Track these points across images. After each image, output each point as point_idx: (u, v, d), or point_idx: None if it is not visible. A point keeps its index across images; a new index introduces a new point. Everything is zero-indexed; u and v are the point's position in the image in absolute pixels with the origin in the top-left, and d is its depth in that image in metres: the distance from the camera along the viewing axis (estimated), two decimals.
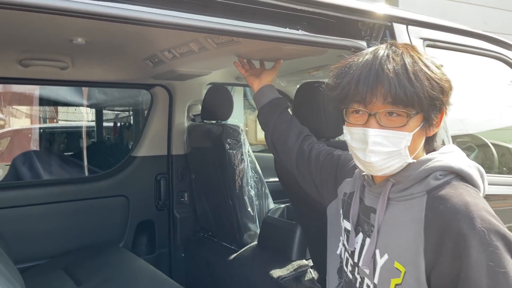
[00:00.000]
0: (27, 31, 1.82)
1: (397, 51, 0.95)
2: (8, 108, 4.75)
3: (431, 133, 1.00)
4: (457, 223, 0.86)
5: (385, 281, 0.97)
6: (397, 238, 0.96)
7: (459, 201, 0.89)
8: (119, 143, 4.16)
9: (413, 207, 0.95)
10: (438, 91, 0.93)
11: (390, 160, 0.95)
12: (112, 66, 2.53)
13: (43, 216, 2.51)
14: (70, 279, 2.17)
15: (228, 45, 1.74)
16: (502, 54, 1.91)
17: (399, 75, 0.90)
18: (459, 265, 0.85)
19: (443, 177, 0.95)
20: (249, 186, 2.57)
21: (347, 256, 1.12)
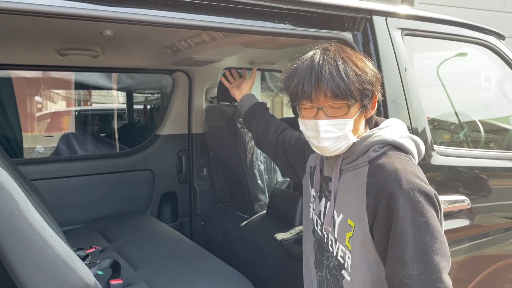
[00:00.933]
0: (63, 25, 2.12)
1: (330, 55, 1.16)
2: (46, 92, 5.15)
3: (368, 116, 1.22)
4: (388, 185, 1.09)
5: (342, 235, 1.20)
6: (348, 200, 1.19)
7: (390, 167, 1.12)
8: (145, 124, 4.51)
9: (359, 175, 1.17)
10: (367, 83, 1.15)
11: (339, 142, 1.17)
12: (137, 54, 2.84)
13: (80, 186, 2.88)
14: (103, 238, 2.54)
15: (233, 36, 2.00)
16: (483, 39, 2.09)
17: (333, 75, 1.12)
18: (391, 218, 1.08)
19: (380, 148, 1.17)
20: (259, 161, 2.86)
21: (316, 218, 1.36)
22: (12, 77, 3.22)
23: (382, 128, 1.23)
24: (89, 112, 5.39)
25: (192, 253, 2.20)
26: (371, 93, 1.17)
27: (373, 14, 1.73)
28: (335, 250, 1.24)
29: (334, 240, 1.24)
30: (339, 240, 1.22)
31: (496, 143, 2.59)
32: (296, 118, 1.26)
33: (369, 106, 1.20)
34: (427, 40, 1.90)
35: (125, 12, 1.35)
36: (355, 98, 1.14)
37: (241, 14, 1.51)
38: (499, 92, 2.59)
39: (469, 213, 1.88)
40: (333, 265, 1.25)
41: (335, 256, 1.25)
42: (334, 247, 1.25)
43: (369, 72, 1.17)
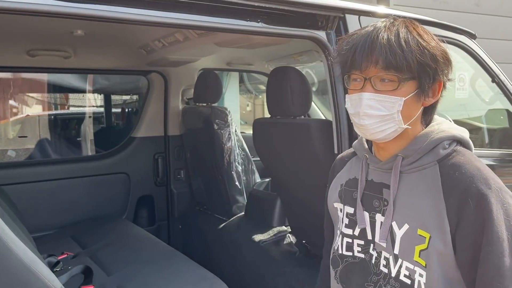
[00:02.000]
0: (33, 25, 2.07)
1: (394, 23, 0.99)
2: (20, 96, 5.01)
3: (427, 103, 1.02)
4: (475, 185, 0.93)
5: (408, 249, 0.99)
6: (416, 207, 0.99)
7: (471, 166, 0.96)
8: (120, 126, 4.43)
9: (427, 176, 1.00)
10: (428, 58, 0.95)
11: (383, 124, 0.99)
12: (110, 55, 2.78)
13: (52, 191, 2.80)
14: (76, 244, 2.47)
15: (207, 35, 1.98)
16: (455, 38, 2.11)
17: (390, 42, 0.95)
18: (481, 222, 0.91)
19: (449, 145, 1.01)
20: (237, 162, 2.83)
21: (347, 241, 1.15)
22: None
23: (440, 124, 1.06)
24: (63, 115, 5.27)
25: (168, 257, 2.15)
26: (433, 72, 0.97)
27: (346, 13, 1.73)
28: (394, 269, 1.03)
29: (393, 257, 1.03)
30: (402, 256, 1.01)
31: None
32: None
33: (429, 90, 0.99)
34: None
35: (95, 9, 1.31)
36: (411, 72, 0.95)
37: (214, 12, 1.49)
38: (473, 92, 2.63)
39: None
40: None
41: (394, 277, 1.03)
42: (393, 266, 1.03)
43: (436, 47, 0.98)
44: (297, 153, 1.98)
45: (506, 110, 2.38)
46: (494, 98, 2.43)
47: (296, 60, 3.04)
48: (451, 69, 1.01)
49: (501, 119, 2.46)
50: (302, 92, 1.91)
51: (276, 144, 2.10)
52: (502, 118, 2.43)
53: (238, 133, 2.93)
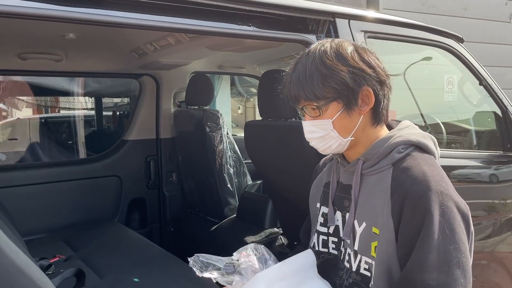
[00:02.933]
0: (24, 28, 2.06)
1: (309, 54, 1.10)
2: (10, 99, 4.99)
3: (364, 111, 1.11)
4: (417, 187, 1.01)
5: (366, 246, 1.09)
6: (371, 207, 1.09)
7: (417, 170, 1.04)
8: (112, 129, 4.42)
9: (382, 178, 1.08)
10: (333, 82, 1.06)
11: (326, 142, 1.12)
12: (102, 58, 2.79)
13: (44, 194, 2.79)
14: (68, 247, 2.46)
15: (198, 39, 2.00)
16: (442, 42, 2.15)
17: (299, 79, 1.09)
18: (418, 220, 0.98)
19: (404, 150, 1.09)
20: (228, 165, 2.85)
21: (323, 238, 1.24)
22: None
23: (402, 129, 1.16)
24: (53, 118, 5.24)
25: (160, 259, 2.16)
26: (346, 91, 1.07)
27: (336, 17, 1.75)
28: (355, 264, 1.12)
29: (353, 253, 1.13)
30: (361, 252, 1.11)
31: (458, 143, 2.67)
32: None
33: (355, 102, 1.09)
34: (390, 43, 1.94)
35: (86, 13, 1.32)
36: (325, 98, 1.08)
37: (205, 16, 1.50)
38: (461, 95, 2.67)
39: None
40: (353, 281, 1.14)
41: (355, 271, 1.12)
42: (354, 261, 1.13)
43: (341, 69, 1.07)
44: (288, 155, 2.00)
45: (493, 112, 2.42)
46: (481, 101, 2.48)
47: (287, 64, 3.04)
48: (377, 74, 1.10)
49: (489, 121, 2.51)
50: None
51: (268, 146, 2.12)
52: (490, 120, 2.47)
53: (229, 136, 2.94)
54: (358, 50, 1.13)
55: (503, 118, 2.31)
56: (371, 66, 1.11)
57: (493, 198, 2.30)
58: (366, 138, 1.14)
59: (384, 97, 1.13)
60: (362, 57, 1.11)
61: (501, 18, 6.16)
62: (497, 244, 2.38)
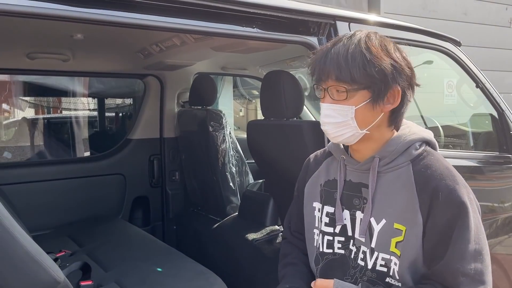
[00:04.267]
0: (33, 28, 2.13)
1: (351, 38, 1.09)
2: (14, 100, 5.05)
3: (387, 109, 1.10)
4: (445, 182, 1.05)
5: (385, 242, 1.09)
6: (392, 203, 1.09)
7: (440, 165, 1.09)
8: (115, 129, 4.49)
9: (401, 175, 1.10)
10: (374, 71, 1.04)
11: (341, 129, 1.10)
12: (108, 58, 2.85)
13: (50, 191, 2.84)
14: (73, 242, 2.52)
15: (203, 40, 2.06)
16: (440, 45, 2.21)
17: (339, 56, 1.06)
18: (452, 212, 1.02)
19: (420, 146, 1.13)
20: (231, 164, 2.91)
21: (328, 239, 1.22)
22: None
23: (409, 127, 1.18)
24: (59, 118, 5.31)
25: (164, 253, 2.21)
26: (383, 82, 1.06)
27: (336, 20, 1.82)
28: (370, 262, 1.12)
29: (370, 251, 1.13)
30: (378, 249, 1.11)
31: (456, 145, 2.73)
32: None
33: (383, 97, 1.08)
34: None
35: (94, 13, 1.38)
36: (359, 83, 1.06)
37: (211, 18, 1.56)
38: (459, 97, 2.73)
39: None
40: (368, 279, 1.14)
41: (370, 268, 1.13)
42: (370, 259, 1.13)
43: (385, 60, 1.06)
44: (290, 154, 2.06)
45: (490, 114, 2.48)
46: (478, 103, 2.53)
47: (288, 65, 3.13)
48: (411, 77, 1.11)
49: (485, 123, 2.56)
50: (295, 94, 1.99)
51: (269, 144, 2.18)
52: (487, 122, 2.53)
53: (232, 135, 3.00)
54: (399, 48, 1.13)
55: (499, 120, 2.37)
56: (410, 66, 1.11)
57: (489, 198, 2.35)
58: (380, 135, 1.14)
59: (408, 101, 1.13)
60: (402, 55, 1.11)
61: (501, 23, 6.23)
62: (495, 246, 2.42)
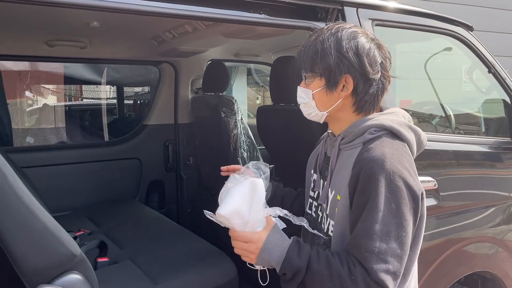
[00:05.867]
0: (52, 16, 2.21)
1: (323, 33, 1.26)
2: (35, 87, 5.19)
3: (341, 96, 1.24)
4: (371, 164, 1.13)
5: (332, 210, 1.26)
6: (340, 178, 1.24)
7: (378, 150, 1.16)
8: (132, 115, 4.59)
9: (352, 154, 1.22)
10: (322, 62, 1.22)
11: (306, 108, 1.31)
12: (124, 46, 2.93)
13: (70, 174, 2.97)
14: (91, 223, 2.63)
15: (214, 26, 2.11)
16: (451, 30, 2.21)
17: (304, 49, 1.26)
18: (368, 194, 1.12)
19: (376, 132, 1.21)
20: (242, 149, 2.96)
21: (310, 201, 1.41)
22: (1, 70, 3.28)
23: (384, 114, 1.28)
24: (78, 105, 5.46)
25: (177, 234, 2.30)
26: (329, 73, 1.22)
27: (344, 5, 1.83)
28: (325, 226, 1.29)
29: (325, 217, 1.29)
30: (330, 216, 1.27)
31: (468, 130, 2.72)
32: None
33: (335, 85, 1.23)
34: (399, 31, 2.01)
35: (109, 1, 1.44)
36: (313, 72, 1.25)
37: (220, 4, 1.61)
38: (472, 83, 2.72)
39: (436, 193, 2.00)
40: (324, 241, 1.28)
41: (325, 231, 1.29)
42: (325, 223, 1.29)
43: (331, 54, 1.21)
44: (297, 137, 2.10)
45: (503, 100, 2.47)
46: (491, 89, 2.52)
47: None
48: (368, 67, 1.22)
49: (498, 109, 2.55)
50: None
51: (278, 129, 2.23)
52: (498, 107, 2.52)
53: (244, 121, 3.05)
54: (361, 45, 1.22)
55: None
56: (360, 60, 1.22)
57: (500, 184, 2.35)
58: (345, 118, 1.28)
59: (365, 91, 1.24)
60: (357, 50, 1.22)
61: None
62: (507, 233, 2.42)
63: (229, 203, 1.19)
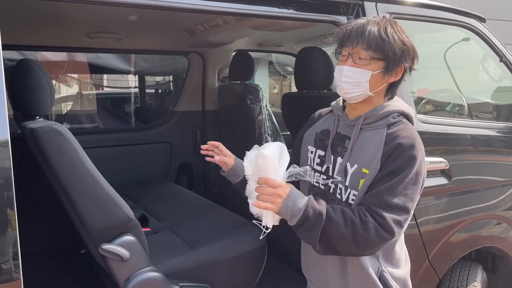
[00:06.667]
0: (95, 11, 2.43)
1: (382, 20, 1.39)
2: (73, 76, 5.43)
3: (390, 81, 1.40)
4: (405, 142, 1.34)
5: (355, 182, 1.39)
6: (364, 153, 1.39)
7: (408, 131, 1.37)
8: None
9: (377, 134, 1.39)
10: (396, 48, 1.34)
11: (354, 87, 1.38)
12: (157, 37, 3.15)
13: (106, 156, 3.21)
14: (129, 200, 2.88)
15: (243, 20, 2.31)
16: (464, 22, 2.36)
17: (374, 30, 1.34)
18: (405, 161, 1.32)
19: (398, 117, 1.41)
20: (266, 134, 3.17)
21: (316, 175, 1.52)
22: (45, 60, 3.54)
23: (398, 101, 1.47)
24: (115, 94, 5.72)
25: (209, 208, 2.54)
26: (397, 59, 1.35)
27: (364, 0, 2.01)
28: (345, 196, 1.42)
29: (344, 188, 1.42)
30: (351, 186, 1.40)
31: (480, 116, 2.87)
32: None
33: (392, 71, 1.37)
34: (415, 24, 2.17)
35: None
36: (380, 54, 1.34)
37: (252, 0, 1.80)
38: (485, 72, 2.86)
39: (448, 173, 2.18)
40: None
41: (344, 201, 1.41)
42: (345, 193, 1.42)
43: (404, 43, 1.36)
44: None
45: None
46: (503, 77, 2.66)
47: (321, 42, 3.32)
48: (415, 60, 1.40)
49: (510, 96, 2.70)
50: (325, 68, 2.22)
51: (302, 115, 2.41)
52: (510, 94, 2.66)
53: (268, 108, 3.26)
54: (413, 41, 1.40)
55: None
56: (414, 56, 1.40)
57: (509, 165, 2.50)
58: (376, 101, 1.43)
59: (401, 80, 1.42)
60: (414, 47, 1.40)
61: None
62: None
63: (270, 150, 1.30)
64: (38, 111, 1.85)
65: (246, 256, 1.99)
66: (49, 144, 1.53)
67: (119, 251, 1.63)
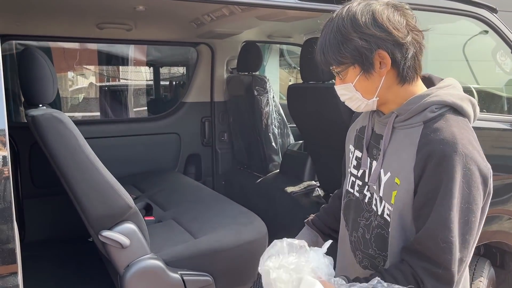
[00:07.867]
0: (103, 1, 2.46)
1: (331, 20, 1.15)
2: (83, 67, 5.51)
3: (383, 74, 1.12)
4: (442, 147, 1.03)
5: (388, 193, 1.15)
6: (397, 159, 1.13)
7: (447, 131, 1.05)
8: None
9: (411, 134, 1.11)
10: (348, 50, 1.10)
11: (354, 102, 1.18)
12: (166, 28, 3.16)
13: (115, 146, 3.25)
14: (136, 189, 2.92)
15: (249, 10, 2.30)
16: (475, 12, 2.30)
17: (322, 45, 1.15)
18: (438, 178, 1.03)
19: (438, 110, 1.10)
20: (273, 125, 3.17)
21: (352, 180, 1.31)
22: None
23: (441, 88, 1.17)
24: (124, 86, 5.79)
25: (214, 198, 2.55)
26: (361, 56, 1.11)
27: None
28: (380, 208, 1.19)
29: (379, 199, 1.19)
30: (384, 198, 1.17)
31: (491, 108, 2.81)
32: None
33: (372, 66, 1.11)
34: (423, 14, 2.12)
35: None
36: (343, 64, 1.13)
37: None
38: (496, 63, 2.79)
39: None
40: (377, 224, 1.20)
41: (380, 214, 1.19)
42: (380, 206, 1.19)
43: (354, 37, 1.10)
44: (325, 114, 2.28)
45: None
46: None
47: None
48: (391, 36, 1.10)
49: None
50: None
51: (307, 105, 2.41)
52: None
53: (275, 100, 3.25)
54: (378, 13, 1.10)
55: None
56: (385, 29, 1.09)
57: None
58: (394, 96, 1.17)
59: (404, 58, 1.12)
60: (377, 21, 1.10)
61: None
62: None
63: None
64: (41, 99, 1.88)
65: (246, 246, 2.00)
66: (50, 131, 1.56)
67: (118, 238, 1.65)
